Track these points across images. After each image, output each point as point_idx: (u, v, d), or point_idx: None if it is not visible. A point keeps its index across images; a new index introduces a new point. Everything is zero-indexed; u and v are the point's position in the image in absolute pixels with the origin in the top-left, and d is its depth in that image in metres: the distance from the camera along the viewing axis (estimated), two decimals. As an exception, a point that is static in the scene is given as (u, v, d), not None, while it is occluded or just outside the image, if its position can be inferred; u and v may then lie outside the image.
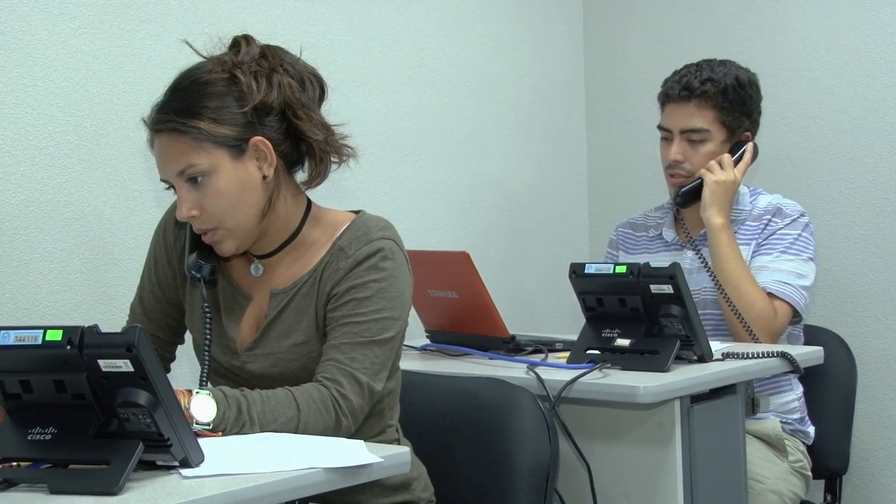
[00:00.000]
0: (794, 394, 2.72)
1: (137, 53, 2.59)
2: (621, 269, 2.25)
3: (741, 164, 2.71)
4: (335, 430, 1.78)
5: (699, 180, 2.70)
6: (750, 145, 2.73)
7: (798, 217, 2.70)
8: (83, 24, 2.51)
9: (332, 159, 1.92)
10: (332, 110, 1.96)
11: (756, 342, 2.55)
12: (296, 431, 1.74)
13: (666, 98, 2.77)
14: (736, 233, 2.70)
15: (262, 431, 1.70)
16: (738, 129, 2.73)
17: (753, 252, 2.69)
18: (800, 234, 2.68)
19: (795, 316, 2.65)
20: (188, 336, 2.06)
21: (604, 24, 3.72)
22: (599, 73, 3.73)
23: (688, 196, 2.72)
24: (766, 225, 2.70)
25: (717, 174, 2.68)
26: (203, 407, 1.65)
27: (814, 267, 2.68)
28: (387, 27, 3.15)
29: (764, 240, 2.69)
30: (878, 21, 3.18)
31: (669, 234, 2.83)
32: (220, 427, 1.67)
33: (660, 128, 2.79)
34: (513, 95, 3.52)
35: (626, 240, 2.93)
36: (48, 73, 2.45)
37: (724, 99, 2.70)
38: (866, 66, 3.20)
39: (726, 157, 2.70)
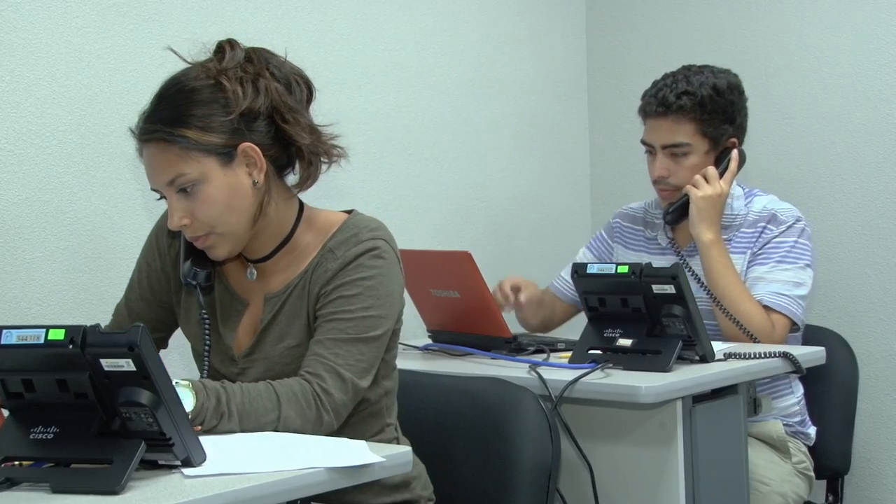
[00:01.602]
0: (794, 397, 2.71)
1: (140, 53, 2.59)
2: (623, 270, 2.25)
3: (727, 175, 2.66)
4: (315, 425, 1.77)
5: (686, 196, 2.66)
6: (734, 153, 2.68)
7: (794, 223, 2.65)
8: (86, 24, 2.51)
9: (322, 161, 1.92)
10: (334, 110, 1.96)
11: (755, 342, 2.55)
12: (275, 425, 1.73)
13: (644, 113, 2.73)
14: (730, 241, 2.67)
15: (240, 424, 1.69)
16: (721, 137, 2.68)
17: (749, 262, 2.65)
18: (796, 241, 2.64)
19: (793, 326, 2.62)
20: (186, 344, 2.05)
21: (606, 24, 3.72)
22: (602, 73, 3.72)
23: (677, 214, 2.68)
24: (762, 233, 2.66)
25: (703, 189, 2.63)
26: (181, 398, 1.64)
27: (811, 273, 2.64)
28: (389, 27, 3.15)
29: (759, 249, 2.65)
30: (880, 21, 3.18)
31: (664, 239, 2.80)
32: (198, 419, 1.66)
33: (643, 142, 2.76)
34: (515, 95, 3.52)
35: (623, 233, 2.89)
36: (51, 72, 2.45)
37: (702, 111, 2.64)
38: (868, 65, 3.20)
39: (711, 170, 2.65)
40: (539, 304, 2.88)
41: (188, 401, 1.64)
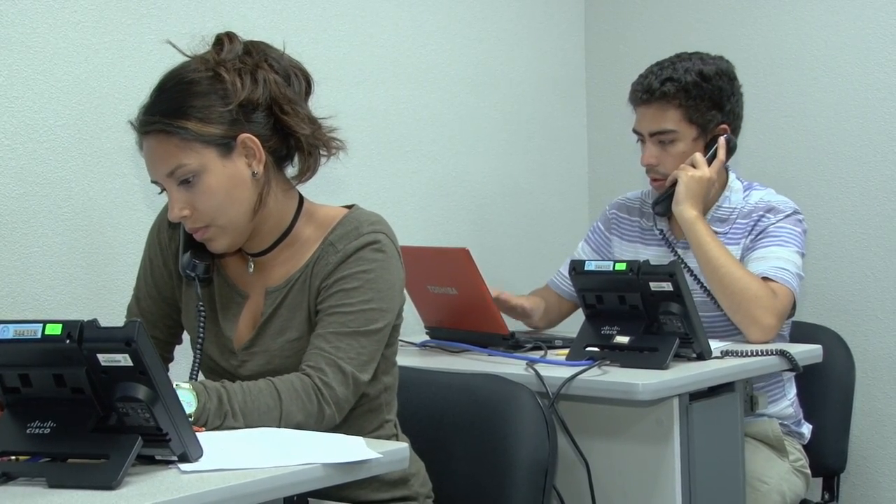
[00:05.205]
0: (787, 399, 2.69)
1: (138, 47, 2.58)
2: (621, 267, 2.25)
3: (715, 163, 2.63)
4: (318, 419, 1.77)
5: (673, 188, 2.64)
6: (722, 140, 2.66)
7: (791, 213, 2.65)
8: (84, 18, 2.50)
9: (322, 153, 1.92)
10: (332, 106, 1.97)
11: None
12: (278, 421, 1.73)
13: (632, 101, 2.73)
14: (726, 233, 2.65)
15: (243, 422, 1.70)
16: (709, 124, 2.66)
17: (748, 248, 2.64)
18: (792, 229, 2.63)
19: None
20: (185, 336, 2.06)
21: (605, 22, 3.72)
22: (600, 71, 3.72)
23: (666, 205, 2.67)
24: (758, 222, 2.64)
25: (693, 170, 2.62)
26: (183, 400, 1.65)
27: (802, 263, 2.64)
28: (388, 24, 3.15)
29: (757, 235, 2.64)
30: (881, 19, 3.17)
31: (663, 224, 2.79)
32: (200, 419, 1.66)
33: (634, 131, 2.74)
34: (514, 93, 3.52)
35: (619, 224, 2.88)
36: (49, 66, 2.45)
37: (686, 97, 2.63)
38: (868, 63, 3.20)
39: (698, 156, 2.63)
40: (545, 309, 2.87)
41: (190, 402, 1.65)
